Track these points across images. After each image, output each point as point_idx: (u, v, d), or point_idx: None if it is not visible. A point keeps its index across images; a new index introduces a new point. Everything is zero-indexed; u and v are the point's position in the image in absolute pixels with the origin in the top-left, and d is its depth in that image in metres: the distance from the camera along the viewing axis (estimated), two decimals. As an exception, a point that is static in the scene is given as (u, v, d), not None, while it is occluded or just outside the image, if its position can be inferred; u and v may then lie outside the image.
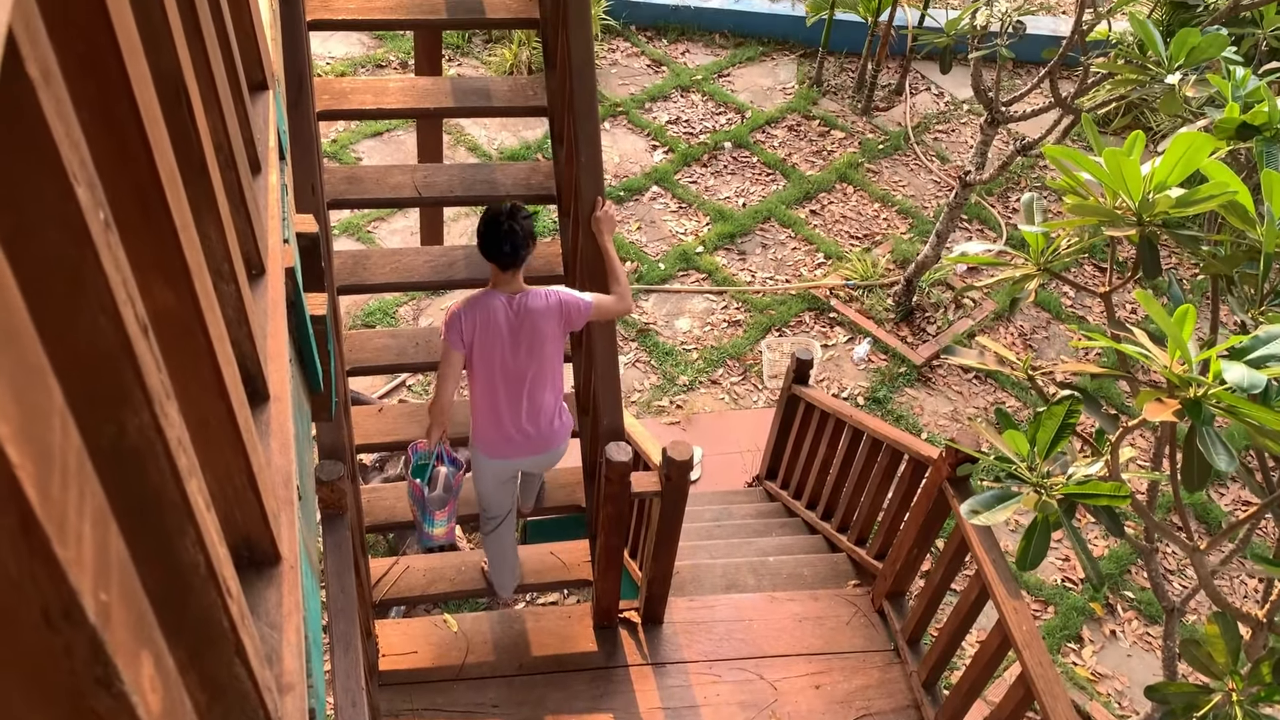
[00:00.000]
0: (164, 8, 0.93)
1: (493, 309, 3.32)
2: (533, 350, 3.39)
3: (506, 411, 3.48)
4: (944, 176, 7.74)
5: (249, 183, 1.38)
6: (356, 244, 6.69)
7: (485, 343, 3.34)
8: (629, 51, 8.70)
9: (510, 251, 3.26)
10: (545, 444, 3.58)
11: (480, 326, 3.32)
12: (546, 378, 3.47)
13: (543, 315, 3.35)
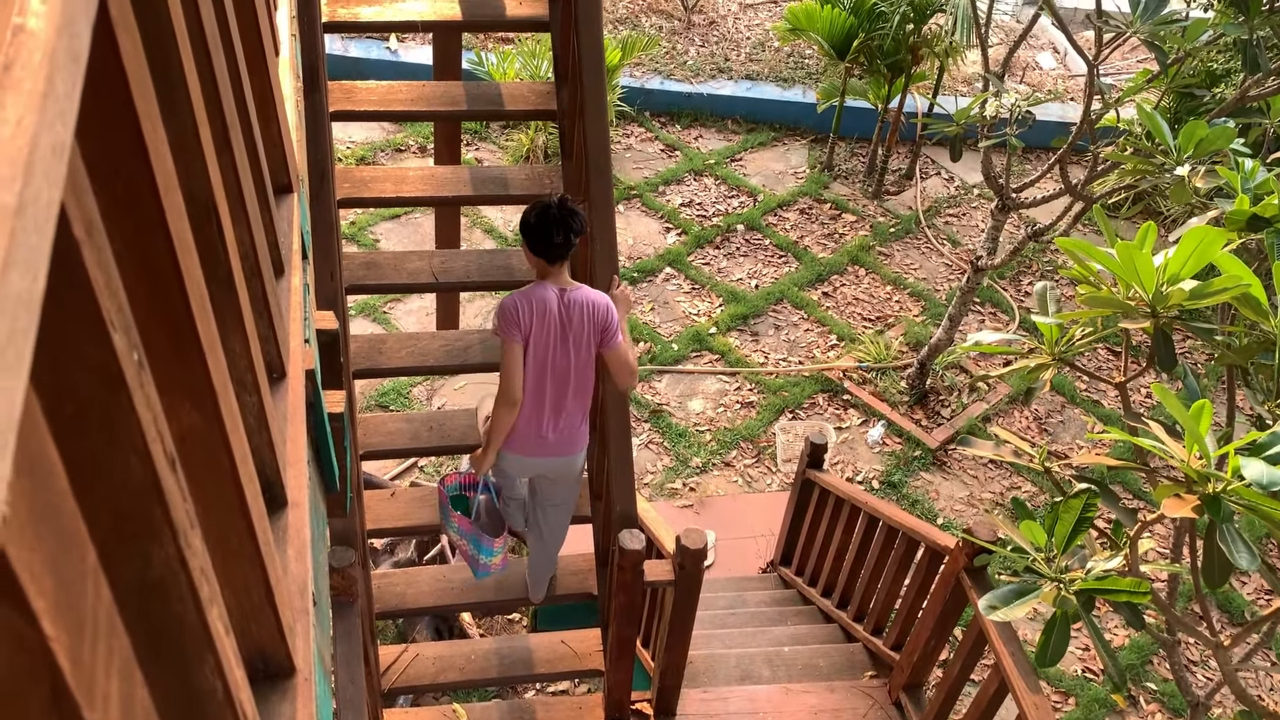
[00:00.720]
0: (198, 133, 0.96)
1: (547, 300, 3.26)
2: (579, 346, 3.33)
3: (550, 410, 3.40)
4: (955, 260, 7.79)
5: (272, 288, 1.40)
6: (373, 325, 6.75)
7: (540, 335, 3.27)
8: (643, 136, 8.85)
9: (563, 242, 3.22)
10: (570, 447, 3.51)
11: (537, 316, 3.25)
12: (587, 377, 3.42)
13: (588, 310, 3.30)
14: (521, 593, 4.14)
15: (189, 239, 0.84)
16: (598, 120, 3.75)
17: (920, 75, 8.02)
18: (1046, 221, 5.85)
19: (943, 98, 8.49)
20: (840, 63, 7.86)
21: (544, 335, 3.27)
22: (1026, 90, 5.04)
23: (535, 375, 3.33)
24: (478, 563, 3.60)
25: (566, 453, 3.52)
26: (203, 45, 1.07)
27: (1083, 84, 9.16)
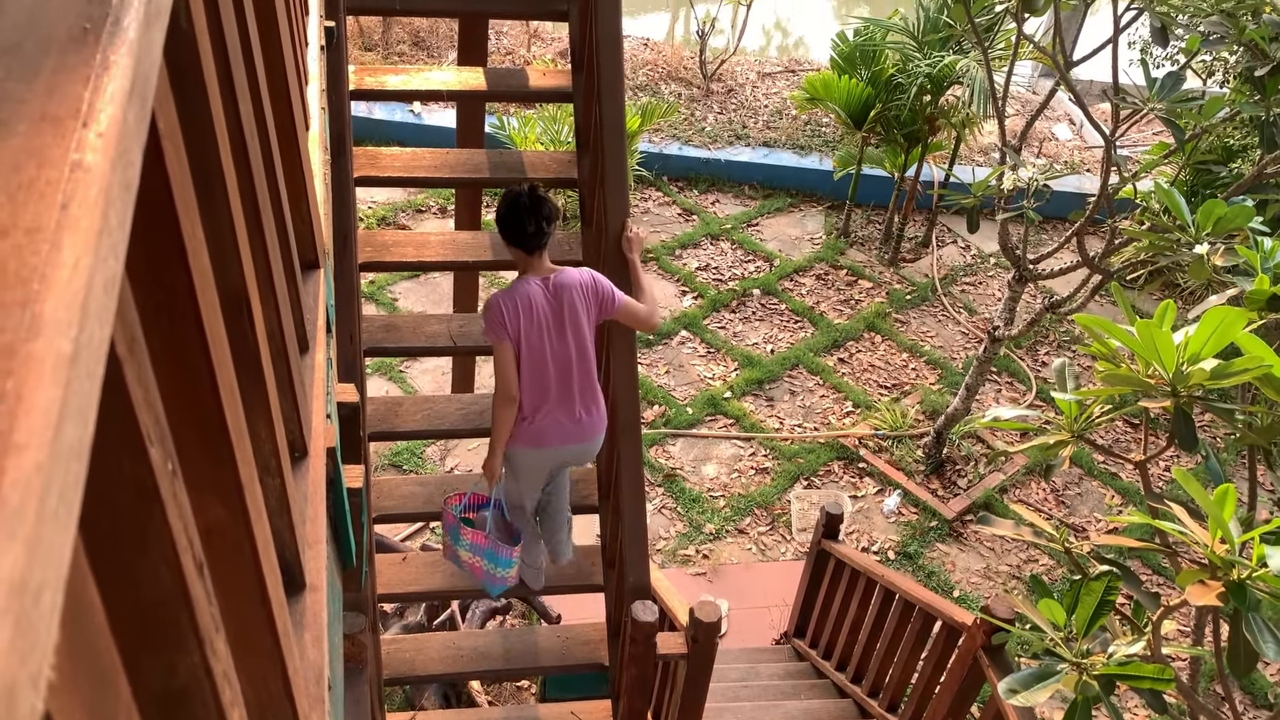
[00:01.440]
0: (234, 227, 0.97)
1: (531, 293, 3.26)
2: (575, 329, 3.32)
3: (555, 397, 3.38)
4: (972, 328, 7.78)
5: (297, 366, 1.41)
6: (388, 383, 6.77)
7: (530, 329, 3.27)
8: (661, 200, 8.93)
9: (535, 231, 3.23)
10: (588, 432, 3.48)
11: (523, 312, 3.25)
12: (589, 359, 3.40)
13: (576, 290, 3.30)
14: (531, 662, 4.09)
15: (222, 335, 0.85)
16: (618, 191, 3.79)
17: (936, 145, 8.09)
18: (1064, 292, 5.85)
19: (959, 167, 8.56)
20: (857, 132, 7.95)
21: (535, 329, 3.27)
22: (1043, 164, 5.07)
23: (536, 369, 3.32)
24: (493, 577, 3.55)
25: (587, 439, 3.50)
26: (239, 136, 1.09)
27: (1099, 155, 9.21)
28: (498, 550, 3.50)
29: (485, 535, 3.49)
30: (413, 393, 6.70)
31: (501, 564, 3.52)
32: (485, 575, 3.57)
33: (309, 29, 2.43)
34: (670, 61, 10.64)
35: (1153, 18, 4.31)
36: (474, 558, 3.56)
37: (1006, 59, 6.78)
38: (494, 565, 3.52)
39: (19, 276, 0.39)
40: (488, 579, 3.58)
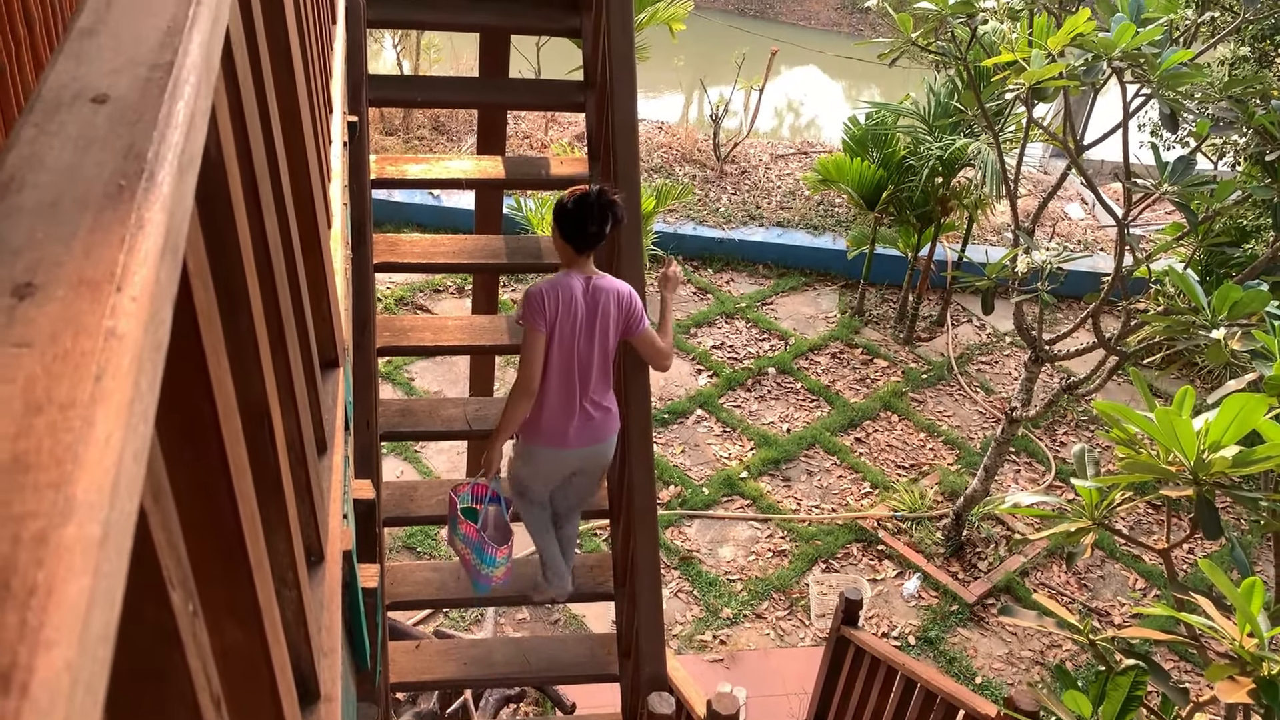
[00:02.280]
0: (257, 345, 0.98)
1: (573, 288, 3.31)
2: (603, 334, 3.38)
3: (579, 396, 3.41)
4: (989, 408, 7.75)
5: (315, 471, 1.41)
6: (403, 463, 6.76)
7: (565, 324, 3.30)
8: (676, 279, 9.00)
9: (595, 233, 3.29)
10: (598, 434, 3.52)
11: (562, 305, 3.28)
12: (609, 366, 3.47)
13: (613, 297, 3.37)
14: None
15: (244, 458, 0.85)
16: (634, 274, 3.82)
17: (949, 225, 8.15)
18: (1080, 373, 5.84)
19: (972, 247, 8.62)
20: (870, 212, 8.02)
21: (569, 324, 3.31)
22: (1057, 247, 5.10)
23: (562, 364, 3.36)
24: (479, 573, 3.54)
25: (598, 440, 3.53)
26: (264, 250, 1.10)
27: (1112, 234, 9.26)
28: (485, 548, 3.49)
29: (478, 530, 3.49)
30: (428, 473, 6.69)
31: (487, 560, 3.51)
32: (473, 570, 3.57)
33: (333, 126, 2.49)
34: (684, 144, 10.82)
35: (1162, 104, 4.36)
36: (464, 549, 3.57)
37: (1017, 141, 6.87)
38: (480, 562, 3.52)
39: (53, 456, 0.39)
40: (475, 574, 3.58)
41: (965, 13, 4.83)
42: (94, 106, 0.64)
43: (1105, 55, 4.22)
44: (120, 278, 0.49)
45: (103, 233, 0.52)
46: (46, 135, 0.61)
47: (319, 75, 2.20)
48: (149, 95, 0.65)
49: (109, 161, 0.58)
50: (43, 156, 0.58)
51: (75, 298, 0.48)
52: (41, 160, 0.58)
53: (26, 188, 0.55)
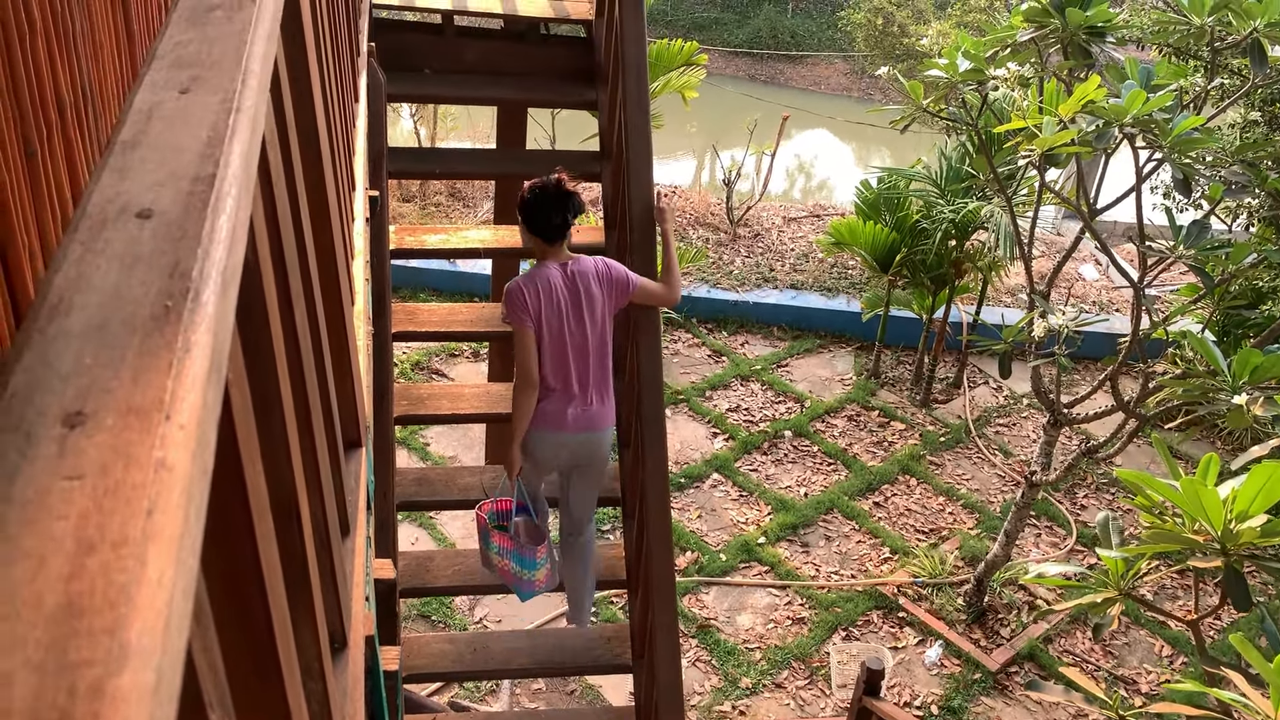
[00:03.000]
0: (288, 444, 0.98)
1: (551, 278, 3.38)
2: (592, 316, 3.45)
3: (576, 381, 3.48)
4: (1008, 471, 7.69)
5: (339, 554, 1.41)
6: (418, 530, 6.73)
7: (550, 313, 3.37)
8: (690, 342, 9.02)
9: (561, 223, 3.38)
10: (598, 421, 3.58)
11: (544, 297, 3.36)
12: (605, 348, 3.53)
13: (594, 277, 3.45)
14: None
15: (275, 557, 0.85)
16: (651, 343, 3.84)
17: (964, 287, 8.16)
18: (1100, 436, 5.79)
19: (987, 309, 8.62)
20: (884, 275, 8.05)
21: (554, 313, 3.38)
22: (1073, 311, 5.09)
23: (555, 352, 3.43)
24: (522, 581, 3.62)
25: (596, 428, 3.58)
26: (294, 342, 1.11)
27: (1127, 294, 9.26)
28: (523, 551, 3.57)
29: (511, 538, 3.56)
30: (443, 540, 6.66)
31: (528, 564, 3.59)
32: (514, 579, 3.64)
33: (355, 204, 2.52)
34: (698, 207, 10.91)
35: (1175, 169, 4.39)
36: (504, 561, 3.64)
37: (1030, 204, 6.90)
38: (521, 568, 3.60)
39: (106, 599, 0.40)
40: (517, 583, 3.65)
41: (976, 80, 4.89)
42: (139, 222, 0.65)
43: (1117, 121, 4.25)
44: (169, 405, 0.50)
45: (150, 357, 0.53)
46: (93, 254, 0.62)
47: (343, 155, 2.24)
48: (192, 210, 0.66)
49: (155, 281, 0.59)
50: (90, 276, 0.59)
51: (125, 427, 0.48)
52: (89, 280, 0.59)
53: (74, 310, 0.56)
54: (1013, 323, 5.31)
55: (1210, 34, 4.65)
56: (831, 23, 19.94)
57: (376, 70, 3.71)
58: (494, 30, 4.83)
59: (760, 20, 20.41)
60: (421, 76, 4.61)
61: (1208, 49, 4.80)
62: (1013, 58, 4.89)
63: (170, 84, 0.83)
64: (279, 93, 1.06)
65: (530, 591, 3.67)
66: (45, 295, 0.57)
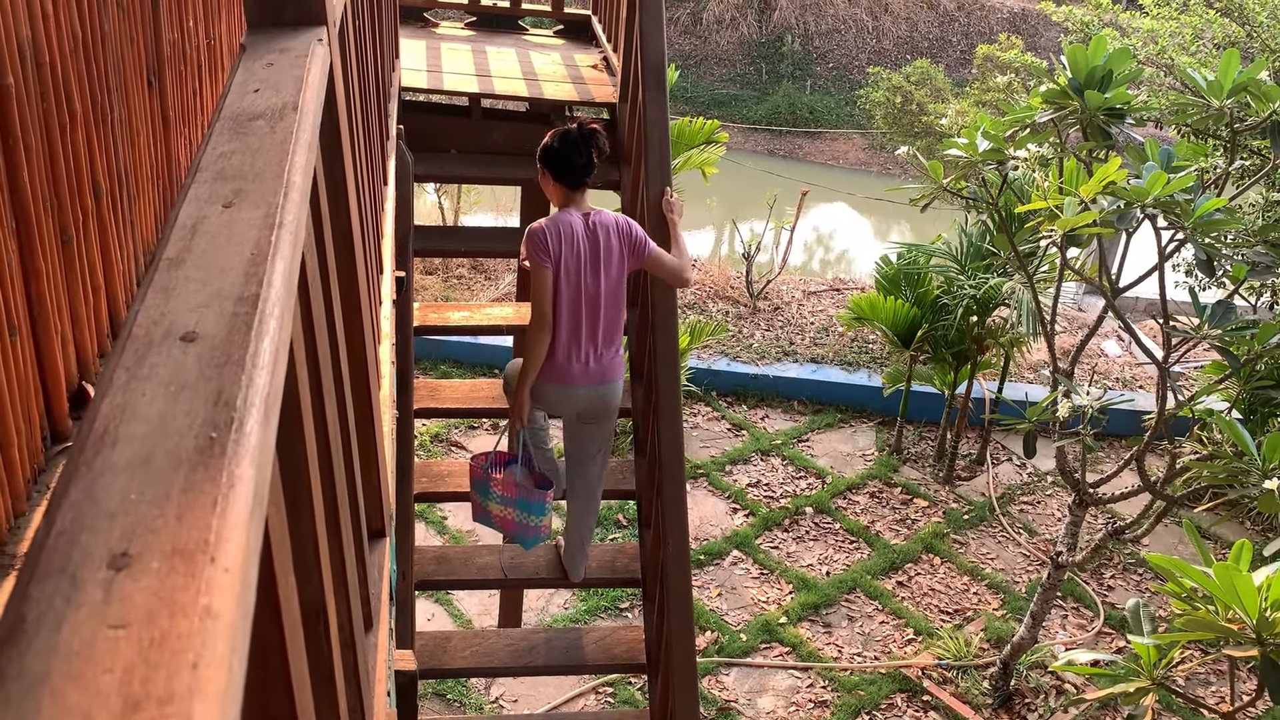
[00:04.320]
0: (317, 546, 0.98)
1: (573, 224, 3.41)
2: (607, 268, 3.47)
3: (586, 333, 3.49)
4: (1033, 550, 7.57)
5: (363, 650, 1.39)
6: (434, 606, 6.67)
7: (570, 257, 3.37)
8: (710, 415, 9.00)
9: (585, 164, 3.42)
10: (606, 375, 3.59)
11: (566, 243, 3.37)
12: (619, 302, 3.55)
13: (614, 230, 3.47)
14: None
15: (304, 670, 0.84)
16: (671, 421, 3.83)
17: (986, 363, 8.13)
18: (1127, 515, 5.71)
19: (1010, 385, 8.57)
20: (905, 350, 8.04)
21: (573, 259, 3.40)
22: (1097, 391, 5.06)
23: (570, 300, 3.43)
24: (527, 528, 3.61)
25: (604, 380, 3.59)
26: (325, 442, 1.12)
27: (1151, 370, 9.20)
28: (529, 496, 3.56)
29: (516, 484, 3.54)
30: (459, 617, 6.59)
31: (534, 510, 3.59)
32: (518, 527, 3.62)
33: (382, 287, 2.55)
34: (717, 281, 10.97)
35: (1198, 249, 4.39)
36: (505, 509, 3.61)
37: (1051, 281, 6.90)
38: (526, 514, 3.58)
39: (151, 762, 0.39)
40: (520, 531, 3.63)
41: (996, 160, 4.93)
42: (183, 346, 0.66)
43: (1138, 203, 4.27)
44: (214, 546, 0.50)
45: (195, 493, 0.53)
46: (138, 380, 0.62)
47: (373, 242, 2.27)
48: (236, 332, 0.67)
49: (199, 410, 0.59)
50: (135, 405, 0.60)
51: (170, 570, 0.48)
52: (134, 409, 0.59)
53: (121, 441, 0.57)
54: (1036, 400, 5.28)
55: (1230, 115, 4.69)
56: (850, 99, 20.23)
57: (404, 152, 3.78)
58: (520, 112, 4.92)
59: (779, 97, 20.74)
60: (448, 157, 4.70)
61: (1227, 130, 4.83)
62: (1032, 138, 4.93)
63: (214, 198, 0.84)
64: (317, 200, 1.08)
65: (535, 538, 3.67)
66: (92, 424, 0.58)
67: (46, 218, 2.04)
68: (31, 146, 1.90)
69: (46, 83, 1.99)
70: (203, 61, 3.28)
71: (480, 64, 4.95)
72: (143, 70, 2.68)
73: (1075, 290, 10.90)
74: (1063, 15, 9.82)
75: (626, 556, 4.22)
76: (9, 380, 1.78)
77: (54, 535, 0.50)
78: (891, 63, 19.83)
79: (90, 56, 2.24)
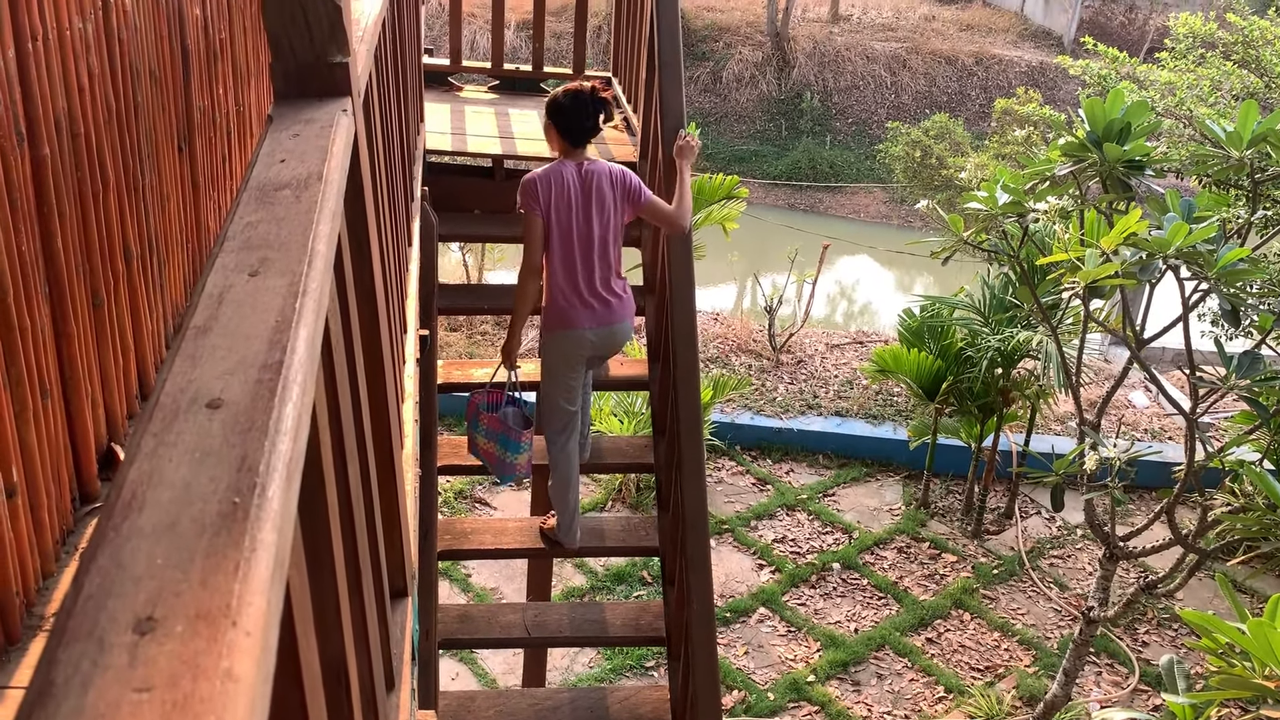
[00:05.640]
0: (339, 606, 0.99)
1: (565, 174, 3.61)
2: (601, 213, 3.64)
3: (582, 276, 3.66)
4: (1064, 605, 7.45)
5: (384, 711, 1.39)
6: (458, 665, 6.62)
7: (560, 206, 3.59)
8: (734, 470, 8.96)
9: (591, 126, 3.63)
10: (614, 315, 3.75)
11: (556, 190, 3.58)
12: (612, 244, 3.71)
13: (605, 177, 3.65)
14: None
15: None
16: (695, 476, 3.82)
17: (1012, 415, 8.08)
18: (1159, 568, 5.62)
19: (1037, 437, 8.50)
20: (930, 403, 8.00)
21: (563, 204, 3.60)
22: (1125, 443, 5.01)
23: (564, 246, 3.64)
24: (504, 464, 3.83)
25: (611, 321, 3.76)
26: (348, 502, 1.13)
27: (1179, 421, 9.10)
28: (509, 433, 3.78)
29: (501, 420, 3.79)
30: (483, 677, 6.54)
31: (512, 447, 3.82)
32: (497, 462, 3.86)
33: (406, 347, 2.58)
34: (739, 334, 11.00)
35: (1222, 300, 4.37)
36: (489, 444, 3.86)
37: (1076, 333, 6.87)
38: (505, 450, 3.80)
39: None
40: (499, 466, 3.87)
41: (1016, 212, 4.95)
42: (209, 413, 0.68)
43: (1160, 254, 4.26)
44: (235, 610, 0.51)
45: (218, 558, 0.54)
46: (165, 446, 0.64)
47: (397, 302, 2.31)
48: (260, 399, 0.69)
49: (223, 476, 0.61)
50: (162, 471, 0.61)
51: (193, 634, 0.49)
52: (161, 475, 0.61)
53: (147, 507, 0.58)
54: (1063, 452, 5.23)
55: (1250, 166, 4.69)
56: (870, 154, 20.38)
57: (429, 212, 3.84)
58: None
59: (799, 152, 20.92)
60: (472, 216, 4.77)
61: (1249, 180, 4.83)
62: (1052, 191, 4.95)
63: (240, 266, 0.87)
64: (341, 266, 1.11)
65: (510, 475, 3.90)
66: (120, 489, 0.60)
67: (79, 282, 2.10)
68: (66, 214, 1.96)
69: (81, 152, 2.06)
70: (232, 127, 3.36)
71: (503, 126, 5.04)
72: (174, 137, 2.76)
73: (1100, 340, 10.84)
74: (1080, 69, 9.89)
75: (651, 615, 4.19)
76: (40, 442, 1.81)
77: (82, 600, 0.51)
78: (910, 117, 19.99)
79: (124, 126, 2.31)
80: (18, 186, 1.74)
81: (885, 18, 24.35)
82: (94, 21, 2.13)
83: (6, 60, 1.71)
